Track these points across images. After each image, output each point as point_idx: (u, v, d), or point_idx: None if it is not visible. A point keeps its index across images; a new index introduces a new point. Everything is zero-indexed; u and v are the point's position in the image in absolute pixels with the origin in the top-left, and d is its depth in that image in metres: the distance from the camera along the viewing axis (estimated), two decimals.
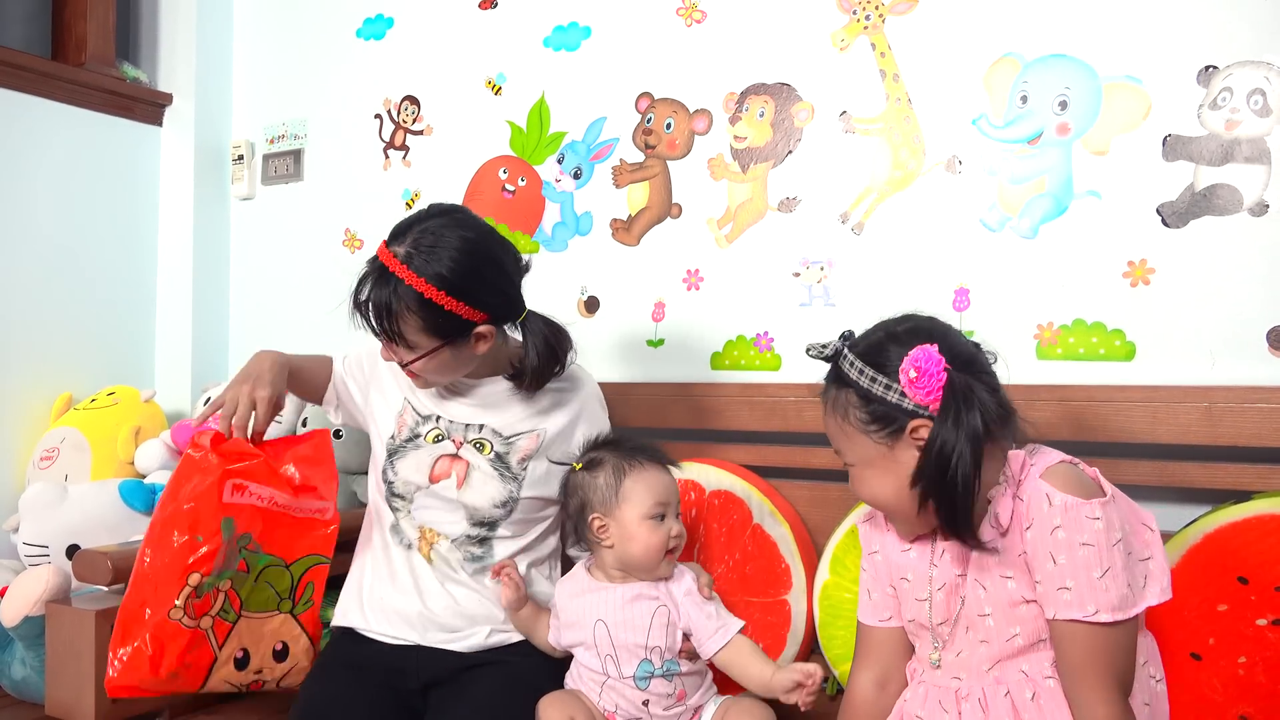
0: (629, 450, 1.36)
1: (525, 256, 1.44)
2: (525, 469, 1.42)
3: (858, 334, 1.12)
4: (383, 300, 1.30)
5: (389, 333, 1.31)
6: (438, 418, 1.45)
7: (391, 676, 1.38)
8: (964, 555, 1.07)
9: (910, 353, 1.02)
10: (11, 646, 1.58)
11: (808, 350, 1.12)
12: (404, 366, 1.37)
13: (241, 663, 1.41)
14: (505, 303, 1.38)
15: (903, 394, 1.02)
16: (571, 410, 1.48)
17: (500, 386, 1.45)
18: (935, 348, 1.02)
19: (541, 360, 1.40)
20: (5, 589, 1.56)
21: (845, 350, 1.08)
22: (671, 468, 1.37)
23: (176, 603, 1.31)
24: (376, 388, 1.52)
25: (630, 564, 1.32)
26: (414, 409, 1.47)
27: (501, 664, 1.38)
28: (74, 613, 1.45)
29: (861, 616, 1.21)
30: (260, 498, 1.37)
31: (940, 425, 1.00)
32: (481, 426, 1.44)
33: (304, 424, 1.99)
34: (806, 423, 1.64)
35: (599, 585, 1.34)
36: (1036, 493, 1.00)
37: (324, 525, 1.45)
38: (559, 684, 1.35)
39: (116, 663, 1.31)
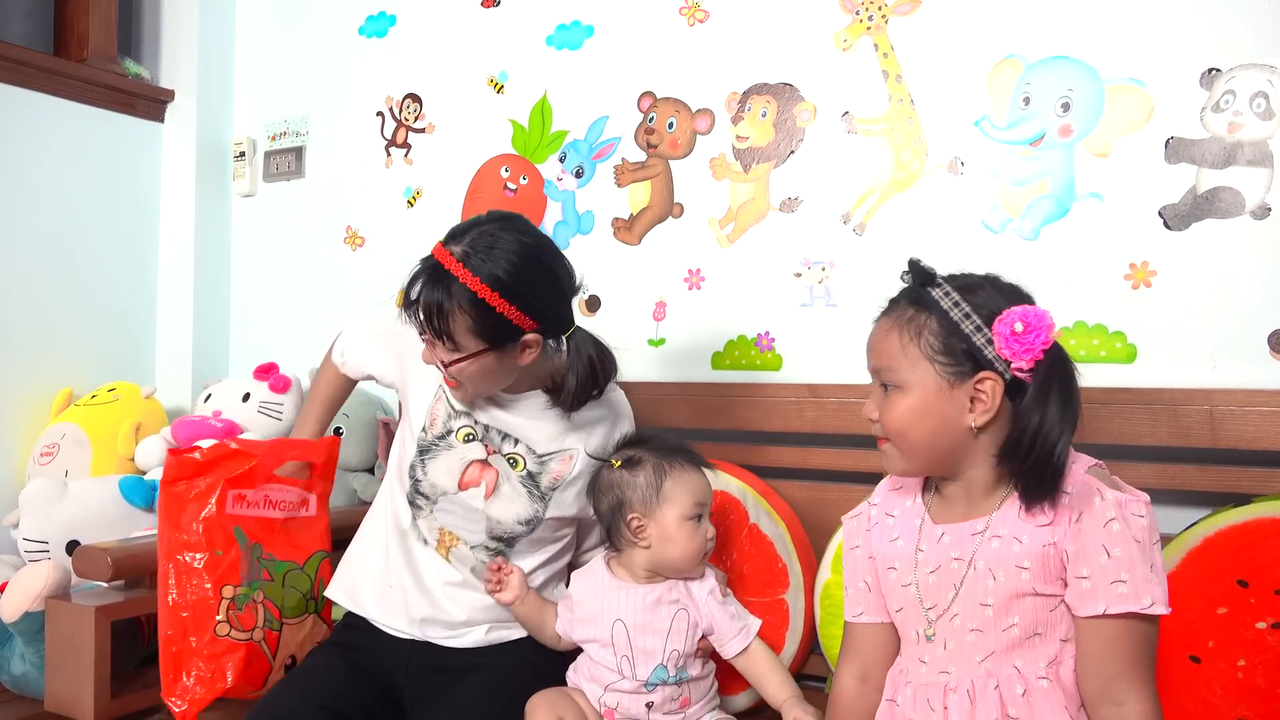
0: (667, 450, 1.34)
1: (579, 275, 1.38)
2: (553, 492, 1.41)
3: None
4: (434, 299, 1.27)
5: (437, 331, 1.28)
6: (475, 418, 1.42)
7: (383, 671, 1.37)
8: (968, 541, 1.04)
9: (1021, 306, 0.98)
10: (11, 642, 1.58)
11: (906, 269, 1.05)
12: (445, 368, 1.33)
13: (291, 668, 1.44)
14: (556, 315, 1.35)
15: (989, 341, 0.99)
16: (606, 432, 1.46)
17: (538, 401, 1.42)
18: (1049, 314, 0.97)
19: (581, 381, 1.36)
20: (5, 584, 1.57)
21: (938, 277, 1.03)
22: (706, 470, 1.36)
23: (219, 618, 1.33)
24: (415, 373, 1.46)
25: (666, 565, 1.31)
26: (448, 401, 1.42)
27: (489, 667, 1.36)
28: (74, 608, 1.45)
29: (844, 612, 1.21)
30: (256, 504, 1.39)
31: (1036, 398, 0.97)
32: (517, 441, 1.40)
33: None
34: (806, 423, 1.64)
35: (620, 584, 1.33)
36: (1086, 487, 0.99)
37: (313, 522, 1.47)
38: (548, 686, 1.33)
39: (178, 701, 1.32)
